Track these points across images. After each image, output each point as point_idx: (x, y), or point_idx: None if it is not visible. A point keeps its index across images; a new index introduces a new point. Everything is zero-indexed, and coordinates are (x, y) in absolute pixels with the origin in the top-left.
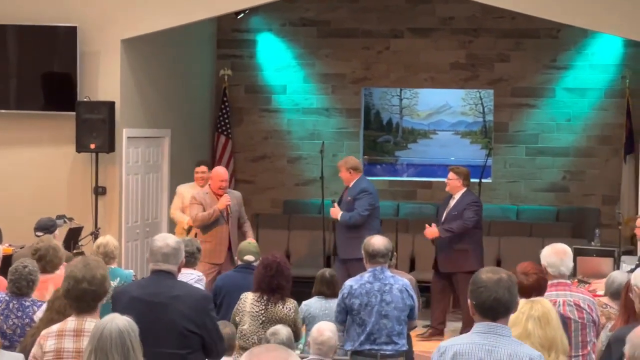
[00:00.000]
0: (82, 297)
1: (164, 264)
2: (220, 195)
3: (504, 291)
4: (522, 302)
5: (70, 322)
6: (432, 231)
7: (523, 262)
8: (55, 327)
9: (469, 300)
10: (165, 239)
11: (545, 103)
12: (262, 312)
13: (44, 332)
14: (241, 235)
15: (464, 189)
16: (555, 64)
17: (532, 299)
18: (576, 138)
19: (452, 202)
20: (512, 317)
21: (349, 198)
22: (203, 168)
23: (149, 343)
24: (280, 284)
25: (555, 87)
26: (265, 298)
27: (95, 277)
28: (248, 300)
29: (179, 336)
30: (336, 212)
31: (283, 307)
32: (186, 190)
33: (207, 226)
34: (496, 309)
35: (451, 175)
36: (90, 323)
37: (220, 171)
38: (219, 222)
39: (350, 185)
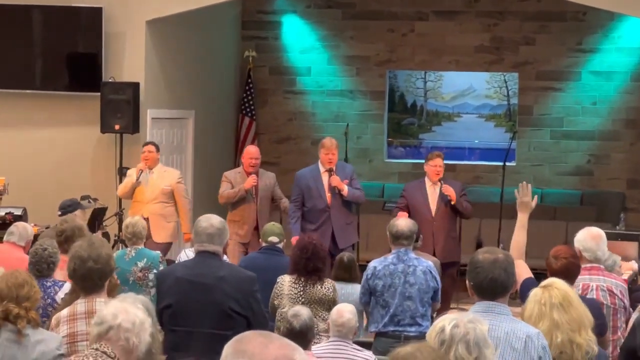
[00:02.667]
0: (88, 276)
1: (209, 245)
2: (249, 175)
3: (500, 271)
4: (539, 291)
5: (80, 304)
6: (452, 191)
7: (558, 245)
8: (65, 312)
9: (467, 282)
10: (209, 220)
11: (571, 86)
12: (301, 293)
13: (54, 319)
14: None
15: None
16: (581, 47)
17: (544, 284)
18: (601, 122)
19: (437, 189)
20: (535, 310)
21: (345, 180)
22: (148, 147)
23: (193, 323)
24: (317, 266)
25: (581, 71)
26: (302, 280)
27: (100, 255)
28: (285, 283)
29: (224, 317)
30: (340, 182)
31: (322, 287)
32: (132, 170)
33: (233, 204)
34: (493, 289)
35: (441, 162)
36: (100, 303)
37: (252, 150)
38: (247, 201)
39: (335, 167)
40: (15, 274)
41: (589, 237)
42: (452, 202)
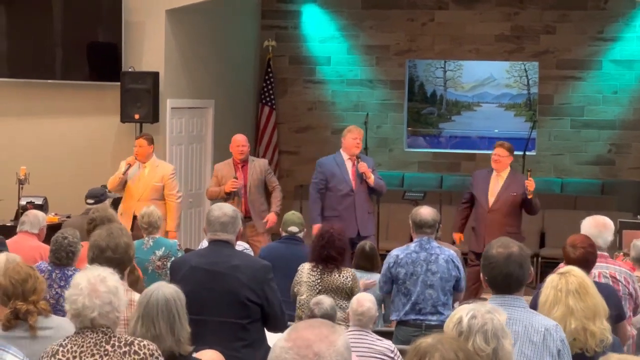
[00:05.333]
0: (106, 266)
1: (222, 234)
2: (240, 164)
3: (515, 266)
4: (555, 277)
5: None
6: (532, 183)
7: (574, 234)
8: None
9: (481, 275)
10: (222, 208)
11: (592, 75)
12: (318, 281)
13: None
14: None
15: (509, 167)
16: (602, 36)
17: (562, 270)
18: (622, 111)
19: (501, 181)
20: (551, 296)
21: (370, 169)
22: (139, 141)
23: (208, 312)
24: (330, 254)
25: (601, 59)
26: (320, 268)
27: (119, 245)
28: (305, 270)
29: (239, 306)
30: (367, 168)
31: (339, 276)
32: (126, 160)
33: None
34: (508, 284)
35: (502, 152)
36: None
37: (238, 138)
38: (236, 193)
39: (359, 156)
40: (17, 268)
41: (593, 224)
42: (529, 197)
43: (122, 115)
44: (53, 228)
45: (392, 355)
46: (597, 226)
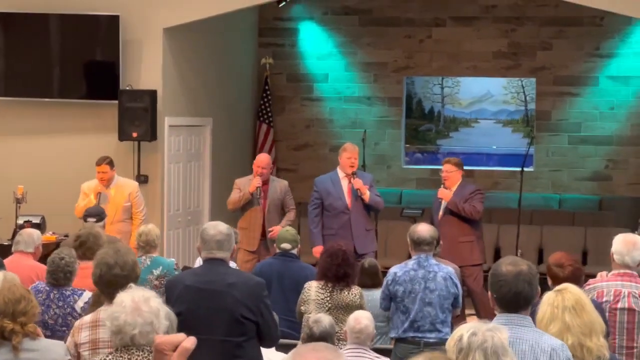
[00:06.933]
0: (114, 283)
1: (218, 252)
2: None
3: (524, 284)
4: (552, 295)
5: (104, 311)
6: (446, 193)
7: (555, 253)
8: (88, 318)
9: (489, 293)
10: (217, 227)
11: (589, 91)
12: (328, 299)
13: (77, 323)
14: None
15: (461, 179)
16: (599, 52)
17: (559, 288)
18: (619, 126)
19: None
20: (547, 313)
21: (368, 185)
22: (102, 168)
23: (204, 331)
24: (347, 272)
25: (598, 76)
26: (330, 286)
27: (127, 262)
28: (312, 288)
29: (235, 323)
30: (362, 185)
31: (349, 294)
32: (87, 186)
33: (242, 211)
34: (517, 302)
35: (450, 167)
36: None
37: (261, 158)
38: (252, 206)
39: (357, 173)
40: (13, 289)
41: (622, 241)
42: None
43: (120, 133)
44: (52, 247)
45: None
46: (626, 244)
